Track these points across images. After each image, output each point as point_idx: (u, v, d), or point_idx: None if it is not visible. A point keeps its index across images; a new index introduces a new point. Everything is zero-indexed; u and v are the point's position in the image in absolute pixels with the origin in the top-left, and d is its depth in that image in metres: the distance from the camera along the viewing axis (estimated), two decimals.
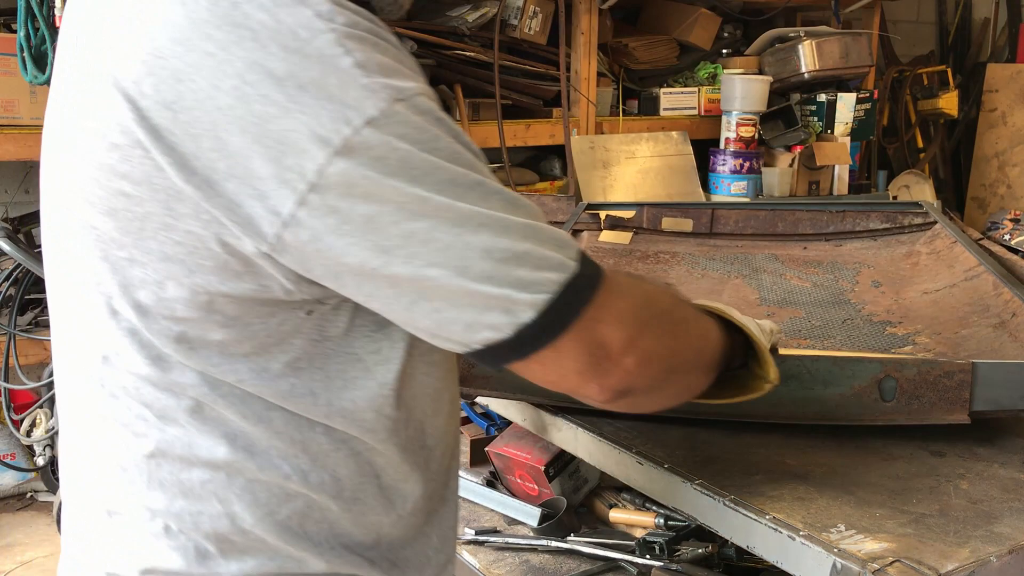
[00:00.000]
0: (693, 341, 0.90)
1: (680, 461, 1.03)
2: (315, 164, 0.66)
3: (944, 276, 1.54)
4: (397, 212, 0.68)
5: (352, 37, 0.68)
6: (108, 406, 0.80)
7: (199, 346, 0.75)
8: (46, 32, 2.39)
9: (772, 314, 1.46)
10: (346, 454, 0.82)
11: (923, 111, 4.98)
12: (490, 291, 0.72)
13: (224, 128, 0.67)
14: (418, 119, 0.70)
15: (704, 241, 1.92)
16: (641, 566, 1.33)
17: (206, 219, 0.69)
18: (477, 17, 3.10)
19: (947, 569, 0.82)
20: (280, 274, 0.72)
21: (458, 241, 0.70)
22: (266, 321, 0.75)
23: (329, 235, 0.68)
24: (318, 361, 0.78)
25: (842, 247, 1.84)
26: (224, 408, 0.77)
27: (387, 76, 0.69)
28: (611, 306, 0.78)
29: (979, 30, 5.46)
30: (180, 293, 0.73)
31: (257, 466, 0.79)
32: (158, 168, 0.69)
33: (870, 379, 1.04)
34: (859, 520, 0.90)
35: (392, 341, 0.81)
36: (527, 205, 0.76)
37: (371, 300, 0.74)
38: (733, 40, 3.96)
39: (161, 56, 0.68)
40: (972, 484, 0.99)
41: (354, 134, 0.67)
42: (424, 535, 0.90)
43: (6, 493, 3.03)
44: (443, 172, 0.70)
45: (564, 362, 0.77)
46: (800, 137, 3.68)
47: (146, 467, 0.79)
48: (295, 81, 0.66)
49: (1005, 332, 1.25)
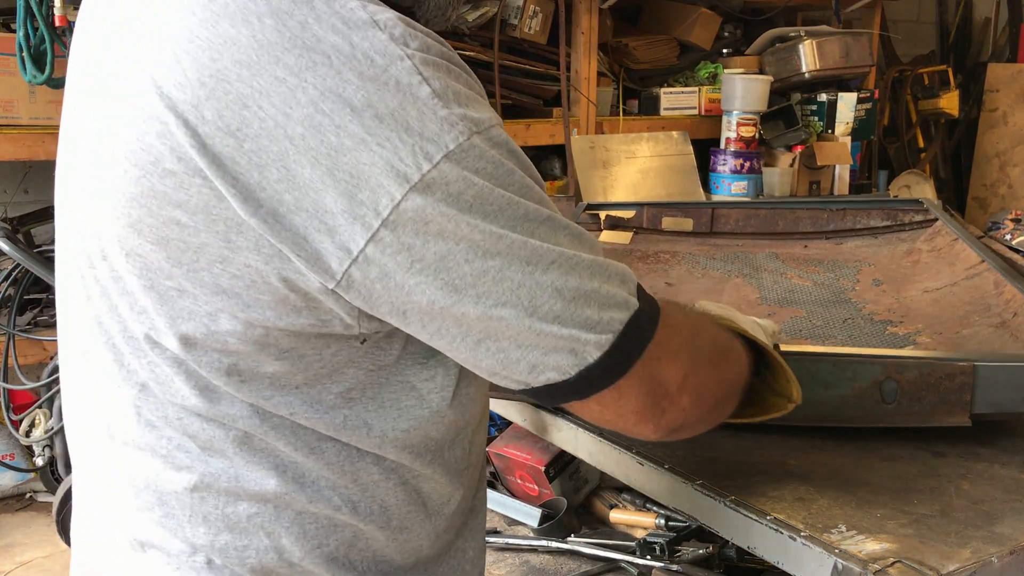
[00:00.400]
0: (733, 369, 0.89)
1: (680, 461, 1.02)
2: (390, 200, 0.63)
3: (945, 274, 1.53)
4: (471, 250, 0.66)
5: (428, 63, 0.65)
6: (144, 436, 0.77)
7: (250, 378, 0.72)
8: (45, 32, 2.39)
9: (773, 313, 1.45)
10: (395, 483, 0.80)
11: (924, 111, 4.98)
12: (558, 331, 0.70)
13: (294, 159, 0.63)
14: (493, 153, 0.67)
15: (704, 240, 1.91)
16: (642, 567, 1.33)
17: (267, 253, 0.66)
18: (477, 17, 3.10)
19: (948, 570, 0.81)
20: (342, 310, 0.69)
21: (529, 280, 0.68)
22: (321, 352, 0.73)
23: (399, 272, 0.66)
24: (371, 391, 0.76)
25: (843, 245, 1.84)
26: (275, 439, 0.74)
27: (463, 106, 0.66)
28: (668, 344, 0.77)
29: (980, 30, 5.46)
30: (233, 327, 0.70)
31: (307, 498, 0.76)
32: (219, 198, 0.65)
33: (871, 381, 1.04)
34: (860, 521, 0.90)
35: (446, 368, 0.79)
36: (591, 239, 0.74)
37: (435, 338, 0.71)
38: (733, 40, 3.96)
39: (225, 79, 0.64)
40: (973, 484, 0.98)
41: (432, 169, 0.64)
42: (459, 549, 0.89)
43: (5, 493, 3.02)
44: (516, 208, 0.68)
45: (623, 402, 0.76)
46: (801, 137, 3.68)
47: (188, 500, 0.76)
48: (373, 111, 0.63)
49: (1006, 332, 1.24)
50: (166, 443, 0.76)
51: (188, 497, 0.76)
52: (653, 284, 1.63)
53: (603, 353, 0.72)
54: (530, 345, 0.71)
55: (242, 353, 0.71)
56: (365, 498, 0.78)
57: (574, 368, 0.72)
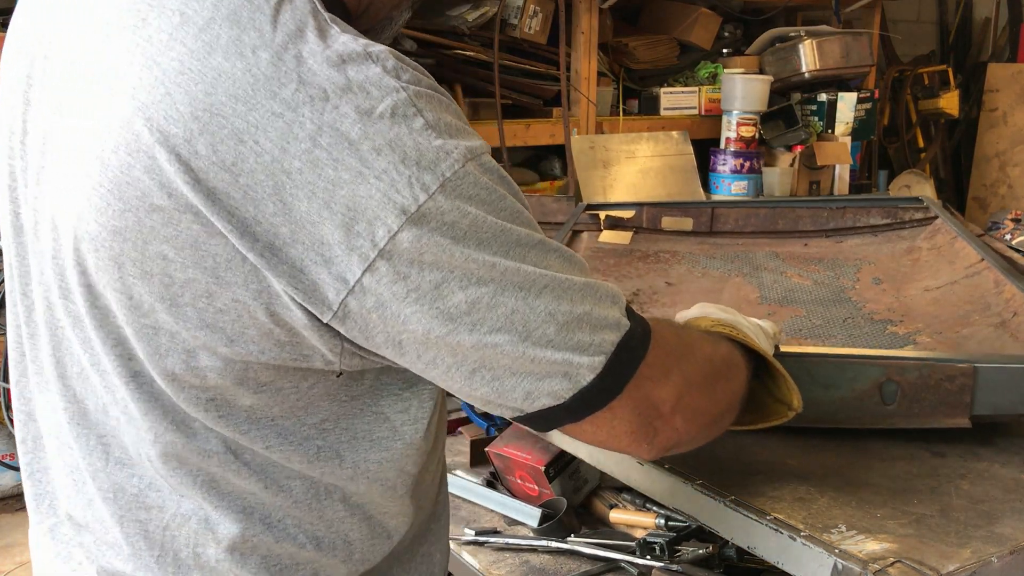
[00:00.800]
0: (730, 386, 0.89)
1: (680, 461, 1.02)
2: (387, 231, 0.64)
3: (945, 272, 1.53)
4: (465, 278, 0.66)
5: (420, 96, 0.66)
6: (114, 475, 0.77)
7: (227, 412, 0.73)
8: None
9: (773, 313, 1.45)
10: (360, 518, 0.80)
11: (924, 111, 4.98)
12: (552, 356, 0.70)
13: (290, 193, 0.63)
14: (486, 179, 0.68)
15: (704, 240, 1.91)
16: (642, 567, 1.33)
17: (255, 289, 0.66)
18: (477, 16, 3.10)
19: (948, 570, 0.81)
20: (325, 347, 0.69)
21: (523, 305, 0.69)
22: (298, 385, 0.73)
23: (395, 302, 0.66)
24: (344, 421, 0.77)
25: (843, 243, 1.84)
26: (245, 478, 0.75)
27: (455, 136, 0.67)
28: (659, 364, 0.77)
29: (980, 30, 5.46)
30: (213, 362, 0.70)
31: (274, 538, 0.77)
32: (209, 234, 0.64)
33: (871, 382, 1.04)
34: (860, 521, 0.90)
35: (420, 401, 0.80)
36: (580, 261, 0.75)
37: (430, 368, 0.71)
38: (733, 40, 3.96)
39: (219, 113, 0.63)
40: (973, 484, 0.98)
41: (428, 200, 0.64)
42: (426, 555, 0.90)
43: (5, 493, 3.03)
44: (509, 234, 0.68)
45: (617, 423, 0.76)
46: (801, 137, 3.68)
47: (160, 539, 0.77)
48: (370, 144, 0.63)
49: (1006, 332, 1.24)
50: (136, 481, 0.77)
51: (160, 536, 0.77)
52: (653, 284, 1.63)
53: (596, 375, 0.72)
54: (525, 372, 0.71)
55: (220, 387, 0.71)
56: (329, 534, 0.79)
57: (568, 392, 0.72)
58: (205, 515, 0.76)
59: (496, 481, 1.58)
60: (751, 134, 3.62)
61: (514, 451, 1.49)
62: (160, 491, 0.76)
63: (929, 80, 5.02)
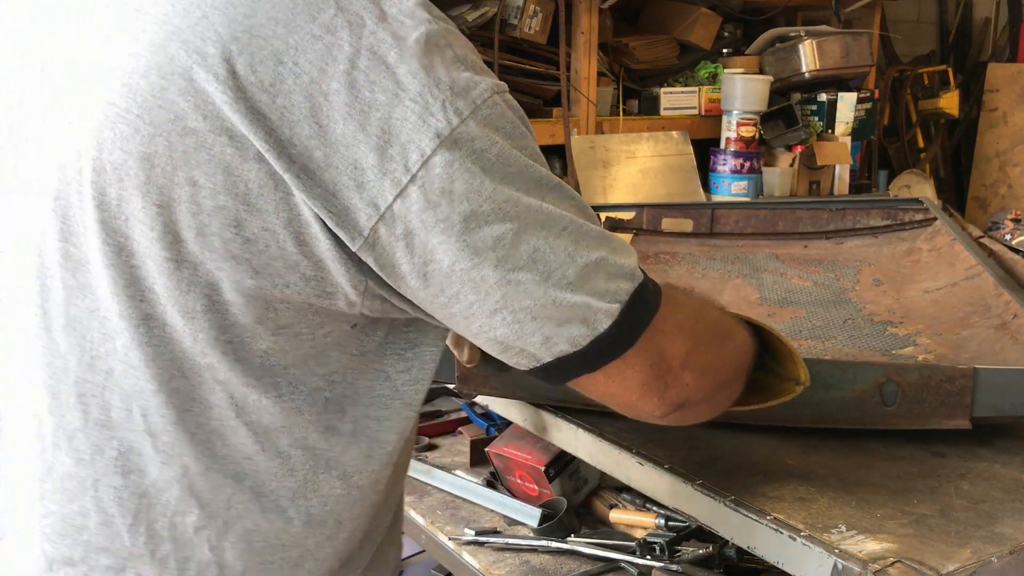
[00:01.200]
0: (737, 352, 0.89)
1: (680, 462, 1.02)
2: (420, 155, 0.64)
3: (945, 274, 1.53)
4: (492, 213, 0.67)
5: (450, 32, 0.69)
6: (92, 435, 0.73)
7: (243, 356, 0.71)
8: None
9: (773, 314, 1.45)
10: (356, 499, 0.80)
11: (924, 111, 4.97)
12: (571, 299, 0.70)
13: (326, 115, 0.64)
14: (511, 114, 0.69)
15: (704, 241, 1.92)
16: (642, 567, 1.33)
17: (285, 217, 0.65)
18: (477, 16, 3.10)
19: (948, 570, 0.81)
20: (349, 284, 0.69)
21: (544, 245, 0.69)
22: (314, 332, 0.73)
23: (423, 231, 0.66)
24: (350, 376, 0.77)
25: (843, 245, 1.84)
26: (243, 438, 0.73)
27: (480, 73, 0.69)
28: (671, 317, 0.78)
29: (980, 30, 5.46)
30: (235, 298, 0.69)
31: (260, 509, 0.75)
32: (243, 158, 0.64)
33: (871, 383, 1.04)
34: (860, 520, 0.90)
35: (422, 362, 0.80)
36: (592, 213, 0.75)
37: (452, 303, 0.70)
38: (733, 40, 3.96)
39: (259, 35, 0.64)
40: (973, 484, 0.99)
41: (461, 124, 0.65)
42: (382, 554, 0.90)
43: None
44: (531, 172, 0.69)
45: (629, 373, 0.76)
46: (801, 137, 3.68)
47: (134, 508, 0.74)
48: (407, 68, 0.65)
49: (1006, 334, 1.24)
50: (117, 444, 0.73)
51: (135, 503, 0.74)
52: None
53: (613, 322, 0.72)
54: (545, 317, 0.71)
55: (239, 327, 0.70)
56: (323, 511, 0.78)
57: (586, 339, 0.72)
58: (188, 482, 0.73)
59: (496, 481, 1.58)
60: (751, 134, 3.62)
61: (514, 451, 1.49)
62: (141, 455, 0.73)
63: (929, 80, 5.02)
